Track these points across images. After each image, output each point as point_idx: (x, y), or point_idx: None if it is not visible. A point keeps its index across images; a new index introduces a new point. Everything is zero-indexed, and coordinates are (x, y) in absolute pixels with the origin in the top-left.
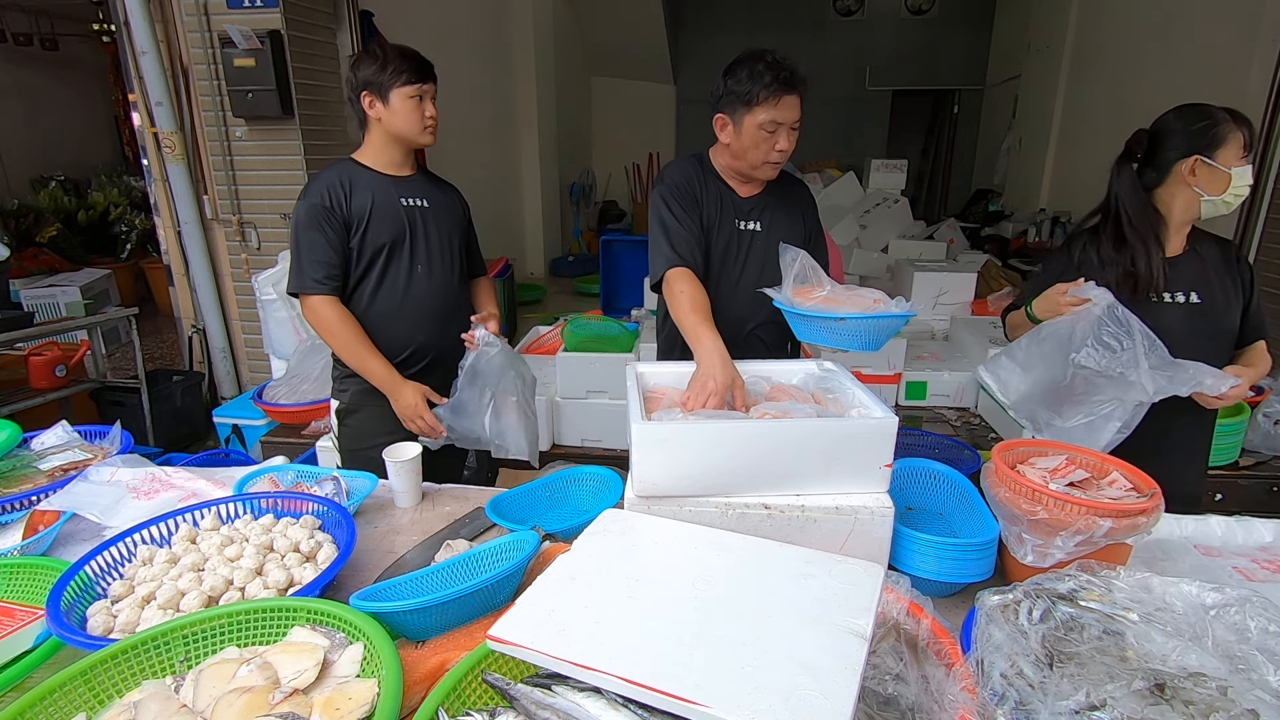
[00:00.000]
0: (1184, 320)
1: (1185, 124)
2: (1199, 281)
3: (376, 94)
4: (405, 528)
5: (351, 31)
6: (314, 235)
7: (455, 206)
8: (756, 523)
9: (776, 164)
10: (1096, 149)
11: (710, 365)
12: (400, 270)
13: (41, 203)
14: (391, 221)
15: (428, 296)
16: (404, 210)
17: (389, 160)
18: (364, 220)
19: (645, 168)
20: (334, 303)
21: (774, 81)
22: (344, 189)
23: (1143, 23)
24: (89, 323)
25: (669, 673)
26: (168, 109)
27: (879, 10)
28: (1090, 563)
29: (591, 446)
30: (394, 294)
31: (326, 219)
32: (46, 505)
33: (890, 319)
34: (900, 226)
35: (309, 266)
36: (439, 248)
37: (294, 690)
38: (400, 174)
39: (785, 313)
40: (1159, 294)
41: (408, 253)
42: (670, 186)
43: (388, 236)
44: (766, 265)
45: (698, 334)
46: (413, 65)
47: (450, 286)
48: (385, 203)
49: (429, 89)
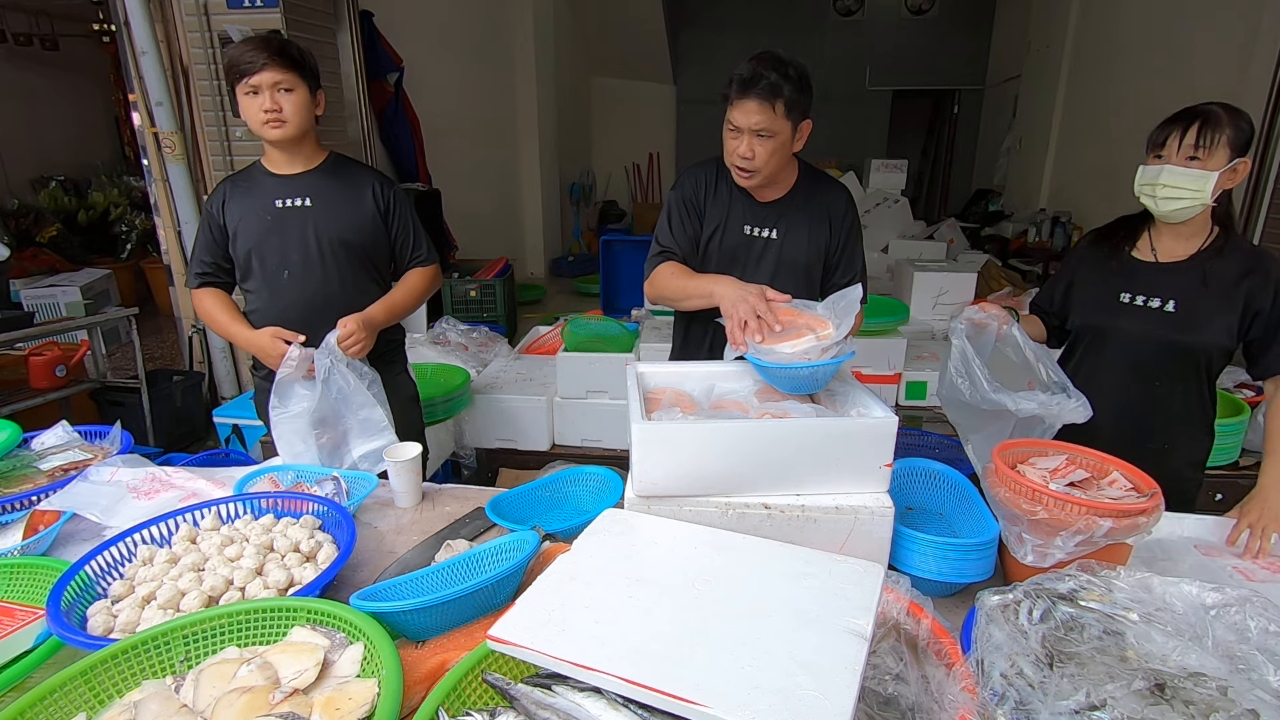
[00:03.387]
0: (1142, 325)
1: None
2: (1184, 292)
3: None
4: (405, 528)
5: (351, 31)
6: (201, 235)
7: (360, 200)
8: (756, 523)
9: (741, 170)
10: (1096, 149)
11: (726, 298)
12: (268, 275)
13: (41, 203)
14: (256, 226)
15: (299, 300)
16: (274, 214)
17: (276, 159)
18: (236, 225)
19: (645, 168)
20: (206, 292)
21: (740, 82)
22: (226, 195)
23: (1142, 23)
24: (89, 323)
25: (669, 673)
26: (168, 109)
27: (879, 10)
28: (1090, 563)
29: (591, 446)
30: (266, 299)
31: (209, 220)
32: (46, 505)
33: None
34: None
35: (192, 262)
36: (316, 249)
37: (294, 690)
38: (288, 172)
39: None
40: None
41: (274, 256)
42: (676, 194)
43: (250, 242)
44: (778, 274)
45: (699, 284)
46: (249, 55)
47: (328, 286)
48: (255, 208)
49: (265, 79)
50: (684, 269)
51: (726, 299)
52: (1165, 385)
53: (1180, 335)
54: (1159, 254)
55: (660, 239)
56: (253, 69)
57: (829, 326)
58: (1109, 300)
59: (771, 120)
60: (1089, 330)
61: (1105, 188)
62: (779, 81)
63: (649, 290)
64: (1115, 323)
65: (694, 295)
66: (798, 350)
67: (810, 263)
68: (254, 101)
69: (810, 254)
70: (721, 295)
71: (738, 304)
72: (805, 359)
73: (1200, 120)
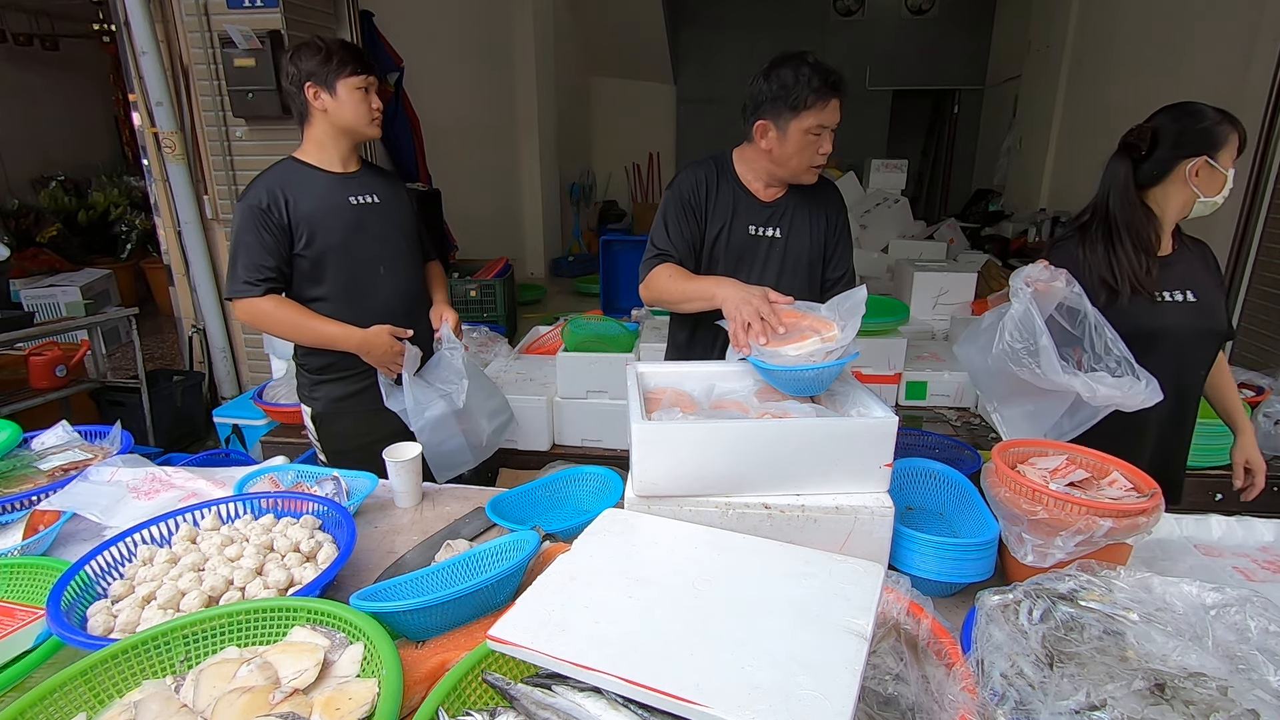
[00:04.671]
0: (1186, 319)
1: (1189, 124)
2: (1192, 280)
3: (322, 85)
4: (405, 528)
5: (352, 31)
6: (249, 239)
7: (402, 196)
8: (756, 523)
9: (819, 168)
10: (1096, 149)
11: (729, 300)
12: (359, 272)
13: (41, 203)
14: (339, 224)
15: (392, 295)
16: (352, 210)
17: (335, 156)
18: (310, 225)
19: (645, 168)
20: (273, 299)
21: (822, 85)
22: (285, 193)
23: (1143, 22)
24: (89, 323)
25: (669, 673)
26: (168, 109)
27: (879, 10)
28: (1090, 563)
29: (591, 446)
30: (358, 297)
31: (263, 221)
32: (46, 505)
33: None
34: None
35: (242, 270)
36: (395, 243)
37: (294, 690)
38: (347, 170)
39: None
40: (1158, 293)
41: (366, 253)
42: (673, 194)
43: (335, 238)
44: (784, 273)
45: (699, 287)
46: (357, 56)
47: (411, 280)
48: (333, 204)
49: (373, 81)
50: (682, 271)
51: (729, 301)
52: (1200, 376)
53: (1209, 321)
54: (1160, 248)
55: (656, 241)
56: (368, 69)
57: (834, 328)
58: (1145, 302)
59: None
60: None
61: None
62: (840, 77)
63: (645, 293)
64: (1163, 322)
65: (694, 298)
66: (803, 353)
67: (813, 259)
68: (365, 98)
69: (813, 251)
70: (724, 298)
71: (741, 306)
72: (811, 361)
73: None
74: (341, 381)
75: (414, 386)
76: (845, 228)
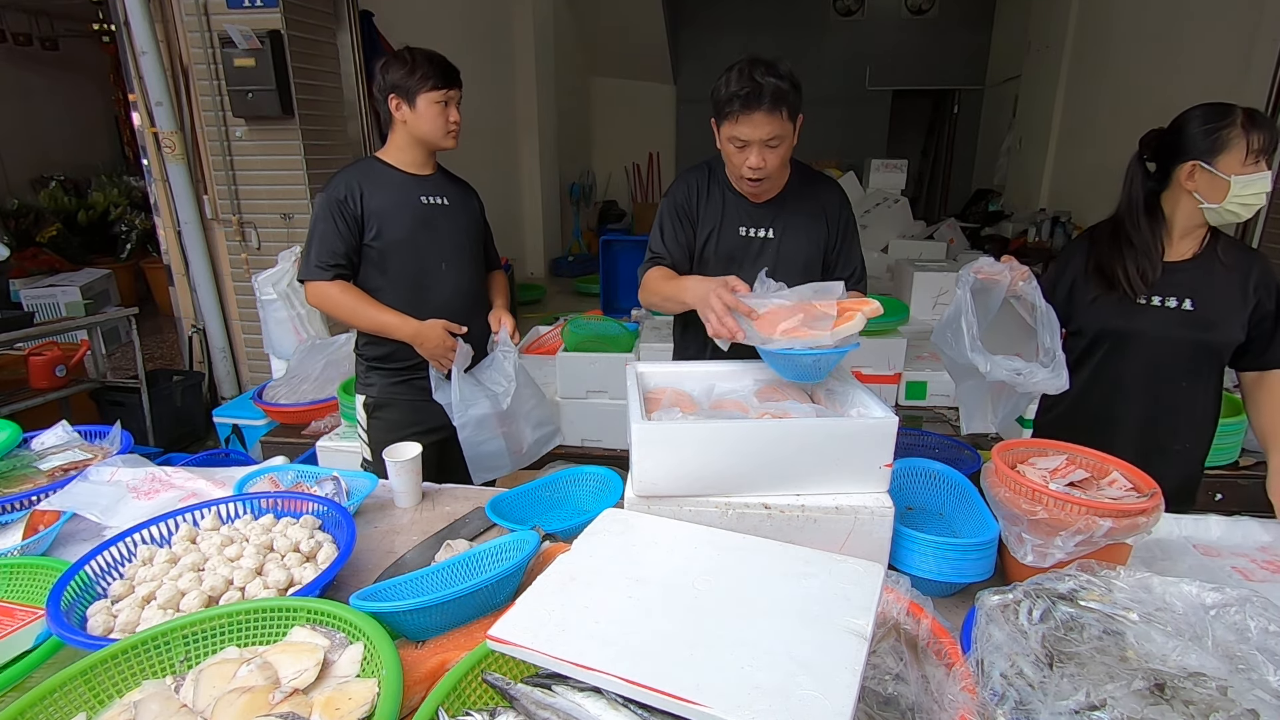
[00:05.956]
0: (1163, 326)
1: (1193, 126)
2: (1199, 288)
3: (403, 97)
4: (405, 528)
5: (351, 31)
6: (325, 226)
7: (472, 203)
8: (756, 523)
9: (751, 180)
10: (1096, 149)
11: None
12: (423, 267)
13: (41, 203)
14: (409, 220)
15: (452, 293)
16: (423, 208)
17: (411, 160)
18: (381, 218)
19: (645, 168)
20: (339, 285)
21: (734, 97)
22: (360, 187)
23: (1142, 23)
24: (89, 323)
25: (669, 673)
26: (168, 109)
27: (879, 10)
28: (1090, 563)
29: (591, 446)
30: (419, 290)
31: (339, 211)
32: (46, 505)
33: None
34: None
35: (315, 254)
36: (460, 244)
37: (294, 690)
38: (422, 173)
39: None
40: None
41: (430, 249)
42: (668, 200)
43: (405, 233)
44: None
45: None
46: (439, 71)
47: (472, 281)
48: (404, 201)
49: (454, 94)
50: (668, 273)
51: (696, 296)
52: (1189, 385)
53: (1203, 333)
54: (1168, 253)
55: (652, 246)
56: (449, 84)
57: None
58: (1127, 303)
59: (780, 127)
60: (1110, 334)
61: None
62: (781, 88)
63: (642, 297)
64: (1137, 325)
65: (672, 299)
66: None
67: (809, 260)
68: (443, 112)
69: (809, 252)
70: (692, 295)
71: (708, 299)
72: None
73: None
74: (395, 371)
75: (462, 383)
76: (850, 227)
